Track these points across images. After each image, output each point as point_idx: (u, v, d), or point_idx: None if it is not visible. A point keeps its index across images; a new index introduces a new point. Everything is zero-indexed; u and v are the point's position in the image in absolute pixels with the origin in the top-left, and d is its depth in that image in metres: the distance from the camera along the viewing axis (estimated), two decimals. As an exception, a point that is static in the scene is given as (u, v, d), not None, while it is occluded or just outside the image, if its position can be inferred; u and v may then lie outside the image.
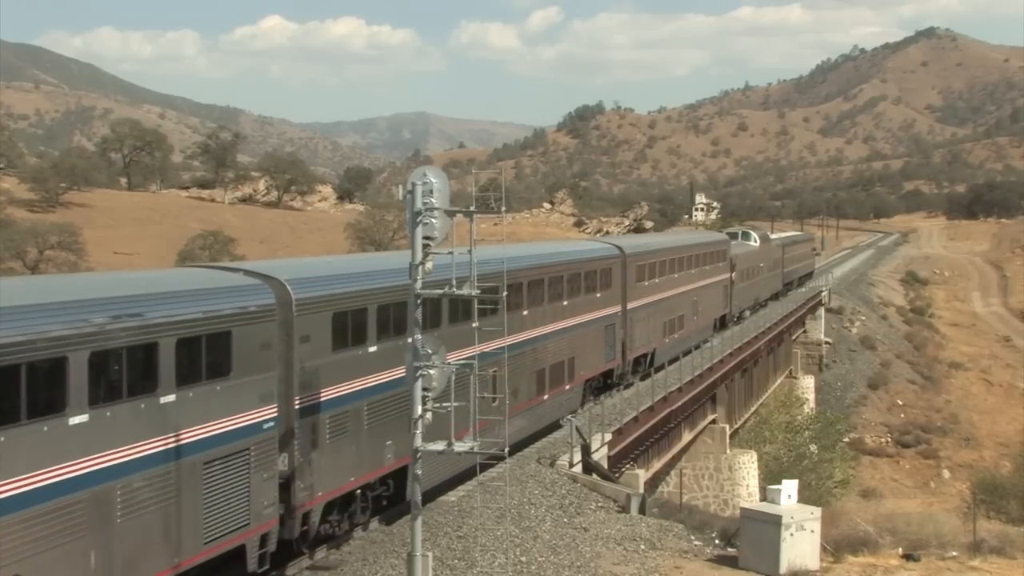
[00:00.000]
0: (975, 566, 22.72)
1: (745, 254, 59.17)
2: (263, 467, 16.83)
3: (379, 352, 20.25)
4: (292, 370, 17.63)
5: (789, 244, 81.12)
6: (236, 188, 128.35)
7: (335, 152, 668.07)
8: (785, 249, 76.15)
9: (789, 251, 78.66)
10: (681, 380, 37.11)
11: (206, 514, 15.45)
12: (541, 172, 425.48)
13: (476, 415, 15.71)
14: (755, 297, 62.26)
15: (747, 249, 61.04)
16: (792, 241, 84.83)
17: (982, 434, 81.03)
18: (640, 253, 38.91)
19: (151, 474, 14.40)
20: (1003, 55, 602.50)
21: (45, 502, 12.72)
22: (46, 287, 15.15)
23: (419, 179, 14.87)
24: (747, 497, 40.23)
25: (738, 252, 56.44)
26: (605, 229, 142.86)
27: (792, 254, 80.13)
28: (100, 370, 13.62)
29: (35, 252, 67.41)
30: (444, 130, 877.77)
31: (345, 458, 19.30)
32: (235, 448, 16.11)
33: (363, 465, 19.91)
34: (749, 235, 66.24)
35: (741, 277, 55.96)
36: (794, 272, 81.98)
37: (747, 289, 59.02)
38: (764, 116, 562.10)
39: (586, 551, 21.19)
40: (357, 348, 19.62)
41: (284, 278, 17.96)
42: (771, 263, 68.56)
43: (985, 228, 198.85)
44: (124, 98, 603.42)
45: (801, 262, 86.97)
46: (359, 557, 19.49)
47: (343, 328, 19.21)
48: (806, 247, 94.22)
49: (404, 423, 20.25)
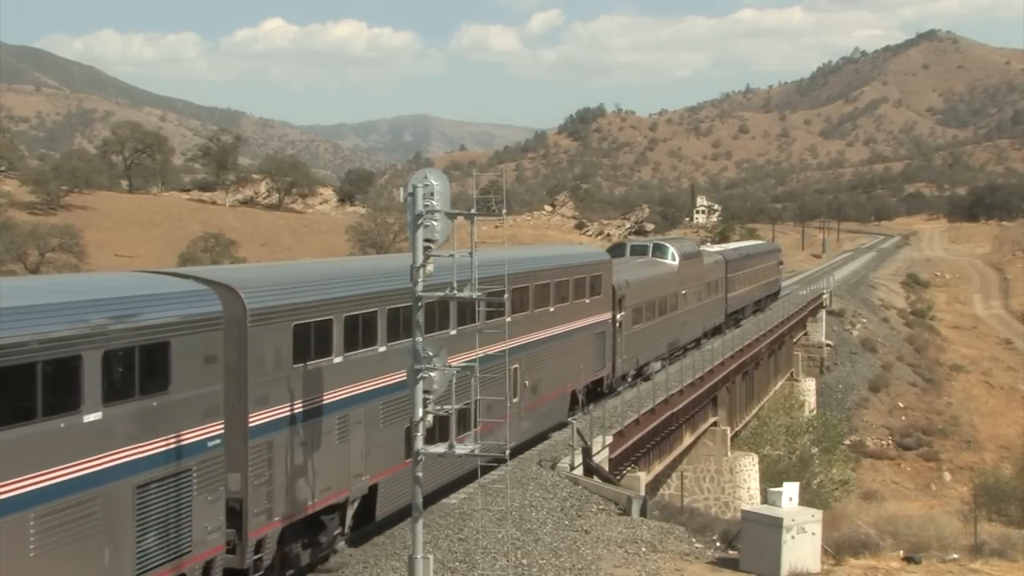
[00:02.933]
0: (976, 568, 22.71)
1: (646, 281, 41.66)
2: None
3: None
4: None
5: (739, 259, 61.66)
6: (237, 190, 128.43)
7: (336, 154, 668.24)
8: (731, 266, 57.95)
9: (739, 268, 60.43)
10: (682, 383, 37.15)
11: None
12: (542, 174, 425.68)
13: (477, 418, 15.73)
14: (670, 341, 44.62)
15: (651, 273, 43.46)
16: (743, 255, 64.23)
17: (983, 436, 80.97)
18: (390, 293, 20.52)
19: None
20: (1004, 57, 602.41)
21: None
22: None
23: (420, 181, 14.88)
24: (748, 500, 40.23)
25: (633, 278, 39.78)
26: (606, 232, 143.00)
27: (743, 272, 61.85)
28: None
29: (36, 254, 67.46)
30: (445, 132, 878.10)
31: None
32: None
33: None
34: (664, 249, 46.67)
35: (637, 316, 39.44)
36: (747, 296, 63.37)
37: (650, 333, 41.38)
38: (765, 118, 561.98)
39: (587, 553, 21.19)
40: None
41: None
42: (703, 288, 50.72)
43: (986, 230, 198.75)
44: (125, 100, 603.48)
45: (758, 281, 67.36)
46: (360, 560, 19.49)
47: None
48: (767, 261, 72.27)
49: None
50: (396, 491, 20.29)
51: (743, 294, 61.53)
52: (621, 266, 39.99)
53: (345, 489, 19.01)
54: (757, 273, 66.86)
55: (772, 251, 78.47)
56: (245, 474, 16.26)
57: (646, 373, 39.81)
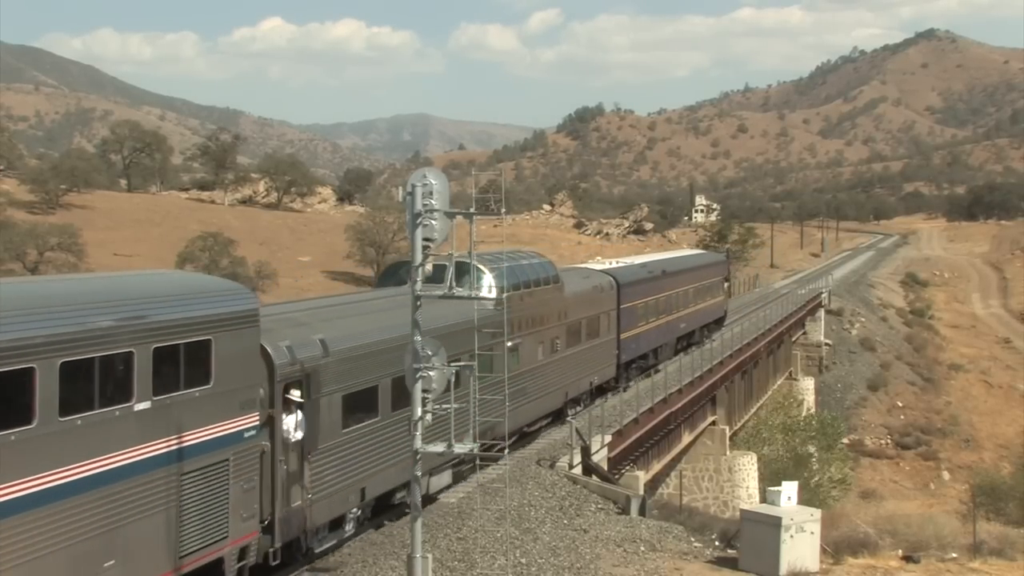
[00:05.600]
0: (975, 568, 22.73)
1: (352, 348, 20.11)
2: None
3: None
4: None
5: (647, 280, 41.32)
6: (236, 190, 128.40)
7: (335, 154, 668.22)
8: (628, 292, 37.99)
9: (645, 293, 40.40)
10: (681, 382, 37.17)
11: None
12: (541, 174, 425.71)
13: (476, 417, 15.72)
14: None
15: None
16: (656, 272, 43.12)
17: (982, 436, 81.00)
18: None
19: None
20: (1003, 57, 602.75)
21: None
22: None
23: (419, 181, 14.86)
24: (747, 499, 40.27)
25: (334, 338, 19.62)
26: (605, 231, 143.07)
27: (654, 298, 41.59)
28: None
29: (35, 254, 67.44)
30: (444, 132, 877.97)
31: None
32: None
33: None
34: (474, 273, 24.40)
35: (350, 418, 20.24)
36: (662, 332, 43.20)
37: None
38: (764, 118, 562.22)
39: (586, 553, 21.20)
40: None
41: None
42: (560, 333, 31.50)
43: (985, 230, 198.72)
44: (124, 100, 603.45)
45: (683, 308, 46.45)
46: (359, 559, 19.48)
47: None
48: (703, 278, 51.06)
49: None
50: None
51: (654, 330, 41.59)
52: (367, 312, 22.39)
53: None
54: (682, 297, 46.18)
55: (713, 264, 56.54)
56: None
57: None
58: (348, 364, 19.41)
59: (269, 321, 18.02)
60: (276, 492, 17.43)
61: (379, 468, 20.68)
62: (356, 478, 19.91)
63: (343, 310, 21.97)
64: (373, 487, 20.66)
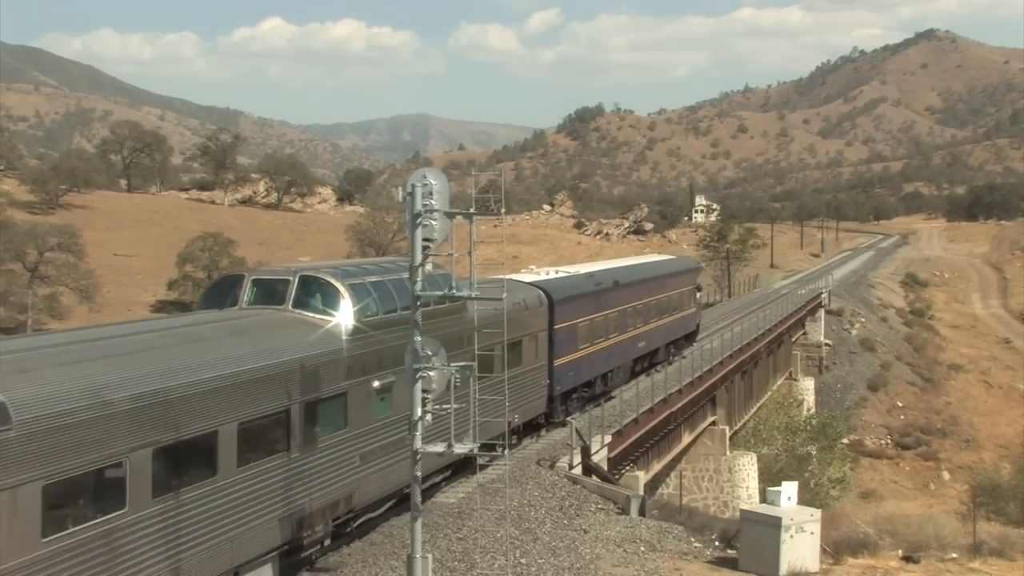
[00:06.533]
0: (975, 568, 22.72)
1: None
2: None
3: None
4: None
5: (588, 294, 34.48)
6: (236, 190, 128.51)
7: (335, 154, 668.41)
8: (563, 309, 31.60)
9: (586, 310, 33.74)
10: (681, 382, 37.14)
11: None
12: (541, 174, 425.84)
13: (476, 417, 15.72)
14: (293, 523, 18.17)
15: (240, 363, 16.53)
16: (606, 284, 36.47)
17: (982, 436, 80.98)
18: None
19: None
20: (1003, 57, 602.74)
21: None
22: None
23: (419, 181, 14.87)
24: (747, 499, 40.26)
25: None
26: (605, 231, 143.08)
27: (599, 316, 34.89)
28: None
29: (35, 254, 67.39)
30: (444, 132, 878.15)
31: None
32: None
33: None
34: (327, 292, 19.64)
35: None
36: (610, 355, 35.99)
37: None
38: (764, 118, 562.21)
39: (586, 553, 21.18)
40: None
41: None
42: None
43: (985, 230, 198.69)
44: (124, 100, 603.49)
45: (642, 325, 39.64)
46: (359, 559, 19.46)
47: None
48: (669, 288, 43.99)
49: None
50: None
51: (601, 353, 34.99)
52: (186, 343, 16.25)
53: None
54: (640, 312, 39.44)
55: (681, 271, 47.97)
56: None
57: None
58: (55, 437, 12.43)
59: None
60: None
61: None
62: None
63: (93, 348, 14.70)
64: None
